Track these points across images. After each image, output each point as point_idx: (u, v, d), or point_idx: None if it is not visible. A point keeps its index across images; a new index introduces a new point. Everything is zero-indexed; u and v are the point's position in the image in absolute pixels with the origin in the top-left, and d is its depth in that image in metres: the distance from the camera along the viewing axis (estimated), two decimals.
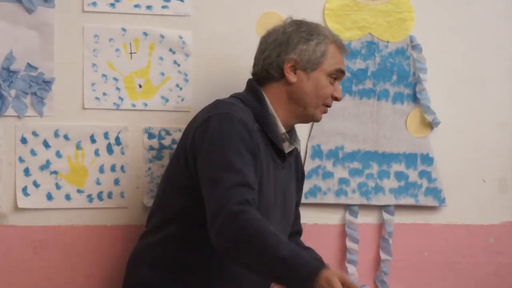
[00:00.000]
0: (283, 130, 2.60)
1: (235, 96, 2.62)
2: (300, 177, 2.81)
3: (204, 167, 2.41)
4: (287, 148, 2.63)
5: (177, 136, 2.84)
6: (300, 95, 2.59)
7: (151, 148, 2.88)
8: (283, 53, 2.58)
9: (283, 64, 2.58)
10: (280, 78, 2.60)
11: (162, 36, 2.90)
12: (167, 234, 2.53)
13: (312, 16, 3.02)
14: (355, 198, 3.09)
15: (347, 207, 3.10)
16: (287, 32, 2.61)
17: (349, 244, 3.09)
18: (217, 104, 2.55)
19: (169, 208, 2.55)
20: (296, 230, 2.85)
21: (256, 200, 2.33)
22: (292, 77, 2.58)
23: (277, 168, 2.59)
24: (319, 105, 2.62)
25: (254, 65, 2.66)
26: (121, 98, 2.88)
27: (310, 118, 2.65)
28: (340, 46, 2.65)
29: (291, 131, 2.68)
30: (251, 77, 2.66)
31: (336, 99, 2.64)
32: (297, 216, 2.85)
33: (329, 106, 2.65)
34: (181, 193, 2.51)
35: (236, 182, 2.31)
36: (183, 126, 2.63)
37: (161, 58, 2.91)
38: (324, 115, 3.03)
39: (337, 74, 2.63)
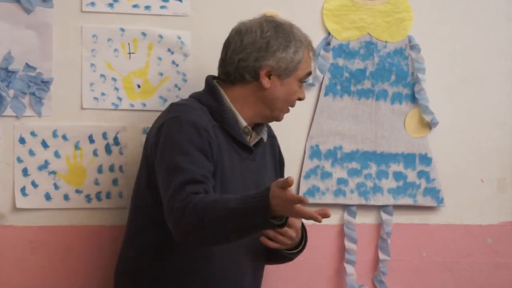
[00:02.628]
0: (244, 124, 2.61)
1: (193, 96, 2.64)
2: (278, 165, 2.82)
3: (158, 174, 2.50)
4: (254, 139, 2.65)
5: None
6: (271, 100, 2.61)
7: None
8: (261, 58, 2.58)
9: (260, 70, 2.59)
10: (252, 81, 2.60)
11: (160, 36, 2.90)
12: (144, 243, 2.58)
13: (310, 16, 3.04)
14: (354, 198, 3.09)
15: (345, 207, 3.10)
16: (266, 36, 2.60)
17: (348, 244, 3.09)
18: (170, 108, 2.60)
19: (139, 217, 2.62)
20: None
21: (208, 189, 2.40)
22: (266, 83, 2.59)
23: (245, 162, 2.61)
24: (285, 109, 2.66)
25: (226, 64, 2.64)
26: (119, 98, 2.88)
27: (274, 119, 2.68)
28: (311, 50, 2.67)
29: (257, 123, 2.69)
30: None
31: (300, 99, 2.68)
32: None
33: (293, 107, 2.69)
34: (147, 203, 2.56)
35: (182, 181, 2.38)
36: None
37: (160, 58, 2.91)
38: (323, 115, 3.06)
39: (307, 78, 2.67)
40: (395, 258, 3.12)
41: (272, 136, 2.80)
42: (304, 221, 2.98)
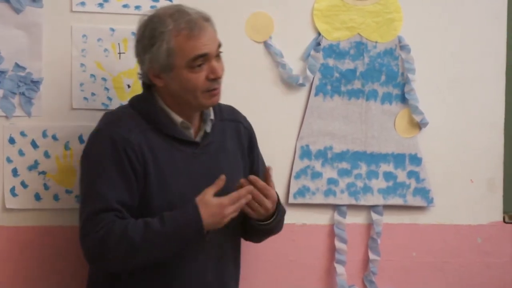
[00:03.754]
0: (180, 119, 2.56)
1: (129, 101, 2.63)
2: (247, 148, 2.72)
3: (79, 186, 2.59)
4: (202, 131, 2.60)
5: None
6: (176, 94, 2.54)
7: None
8: (142, 62, 2.55)
9: (148, 73, 2.55)
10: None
11: None
12: None
13: (301, 16, 3.03)
14: (344, 198, 3.09)
15: (335, 207, 3.10)
16: (138, 40, 2.56)
17: (338, 244, 3.09)
18: (101, 120, 2.60)
19: None
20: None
21: (124, 215, 2.45)
22: (159, 82, 2.54)
23: (191, 157, 2.57)
24: (198, 95, 2.53)
25: None
26: (109, 98, 2.87)
27: (201, 107, 2.58)
28: (190, 29, 2.48)
29: (202, 114, 2.62)
30: (239, 76, 2.66)
31: (212, 79, 2.51)
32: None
33: (212, 88, 2.53)
34: None
35: (96, 209, 2.44)
36: None
37: None
38: (313, 115, 3.05)
39: (199, 61, 2.49)
40: (385, 258, 3.13)
41: (236, 121, 2.71)
42: (293, 220, 2.99)
